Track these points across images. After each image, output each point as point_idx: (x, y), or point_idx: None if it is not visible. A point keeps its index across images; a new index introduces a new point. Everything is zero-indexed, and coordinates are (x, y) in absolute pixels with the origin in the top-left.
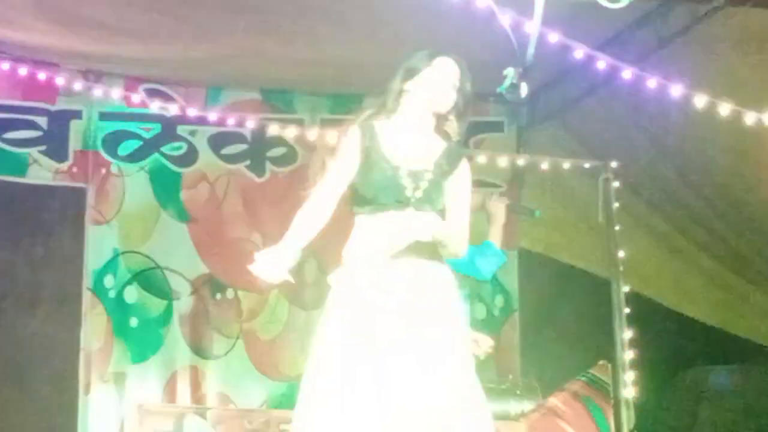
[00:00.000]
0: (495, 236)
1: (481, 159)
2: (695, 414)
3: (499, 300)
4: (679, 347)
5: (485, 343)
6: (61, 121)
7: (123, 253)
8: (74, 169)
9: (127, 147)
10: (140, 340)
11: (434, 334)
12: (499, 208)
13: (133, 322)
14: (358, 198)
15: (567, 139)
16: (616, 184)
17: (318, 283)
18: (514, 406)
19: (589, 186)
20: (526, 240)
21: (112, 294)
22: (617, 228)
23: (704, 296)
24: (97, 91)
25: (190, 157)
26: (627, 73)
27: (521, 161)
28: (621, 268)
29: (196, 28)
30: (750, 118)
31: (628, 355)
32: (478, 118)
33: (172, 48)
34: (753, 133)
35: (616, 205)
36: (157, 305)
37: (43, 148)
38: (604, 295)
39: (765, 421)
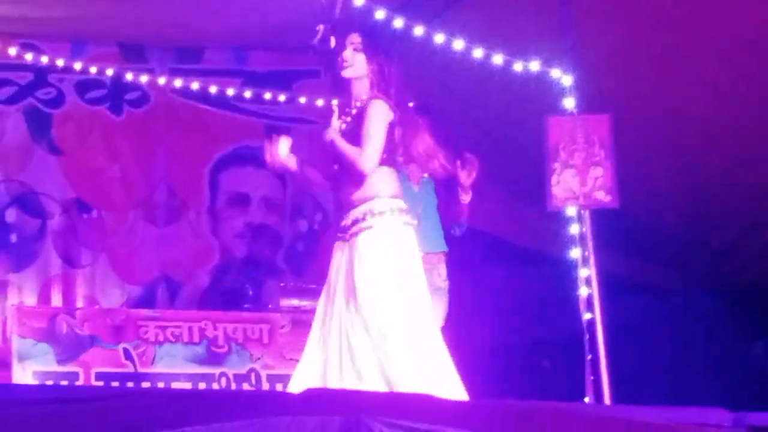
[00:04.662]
0: None
1: (302, 100)
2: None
3: None
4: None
5: None
6: None
7: (3, 181)
8: None
9: (5, 92)
10: (19, 253)
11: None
12: None
13: (13, 238)
14: None
15: None
16: None
17: (167, 205)
18: None
19: None
20: None
21: None
22: None
23: (486, 211)
24: None
25: (59, 100)
26: (419, 30)
27: (335, 101)
28: None
29: None
30: (518, 66)
31: None
32: (298, 67)
33: (42, 9)
34: (521, 79)
35: None
36: (33, 224)
37: None
38: None
39: (532, 315)
